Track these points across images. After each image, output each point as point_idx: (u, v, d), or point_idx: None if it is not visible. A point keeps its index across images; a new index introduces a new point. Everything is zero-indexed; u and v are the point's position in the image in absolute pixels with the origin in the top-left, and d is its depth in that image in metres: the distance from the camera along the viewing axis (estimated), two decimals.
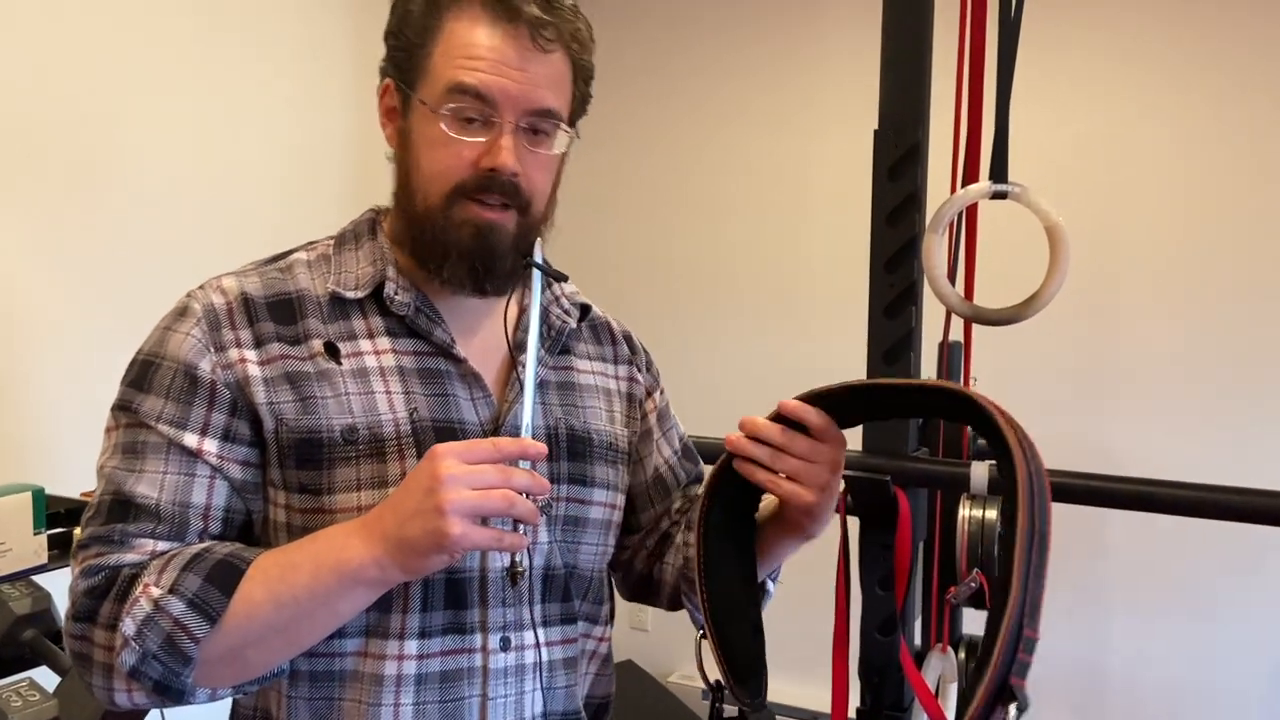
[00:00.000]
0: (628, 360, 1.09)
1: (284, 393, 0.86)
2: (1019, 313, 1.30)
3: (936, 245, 1.33)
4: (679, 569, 1.08)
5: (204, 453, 0.85)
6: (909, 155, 1.42)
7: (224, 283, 0.91)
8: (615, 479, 1.01)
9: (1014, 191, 1.30)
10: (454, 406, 0.91)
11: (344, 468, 0.86)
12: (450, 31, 0.86)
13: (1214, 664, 2.66)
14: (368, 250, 0.95)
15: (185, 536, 0.84)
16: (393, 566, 0.78)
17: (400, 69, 0.89)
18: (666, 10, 3.16)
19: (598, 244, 3.31)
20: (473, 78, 0.85)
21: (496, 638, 0.90)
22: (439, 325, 0.92)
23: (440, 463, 0.77)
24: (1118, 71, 2.66)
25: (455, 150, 0.87)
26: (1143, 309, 2.68)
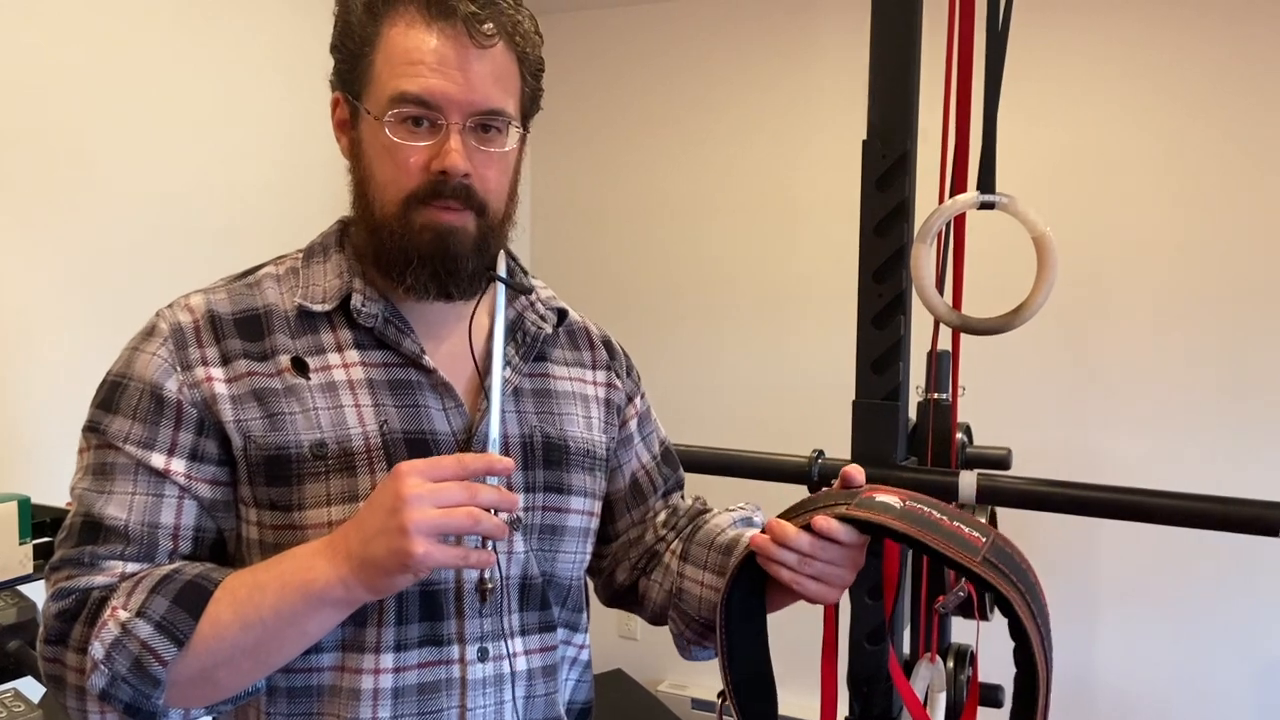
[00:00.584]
0: (606, 365, 1.08)
1: (251, 410, 0.86)
2: (1007, 322, 1.31)
3: (925, 255, 1.33)
4: (669, 593, 1.08)
5: (171, 473, 0.85)
6: (897, 165, 1.42)
7: (191, 301, 0.91)
8: (593, 486, 1.01)
9: (1002, 202, 1.30)
10: (425, 418, 0.90)
11: (314, 483, 0.86)
12: (388, 38, 0.86)
13: (1201, 672, 2.67)
14: (335, 263, 0.94)
15: (155, 557, 0.84)
16: (358, 586, 0.78)
17: (346, 81, 0.89)
18: (657, 18, 3.16)
19: (586, 251, 3.32)
20: (414, 84, 0.85)
21: (474, 648, 0.89)
22: (407, 335, 0.92)
23: (404, 481, 0.76)
24: (1105, 81, 2.68)
25: (404, 157, 0.86)
26: (1130, 318, 2.69)
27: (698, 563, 1.05)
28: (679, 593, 1.06)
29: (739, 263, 3.12)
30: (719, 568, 1.03)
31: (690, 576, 1.06)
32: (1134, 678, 2.73)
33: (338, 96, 0.90)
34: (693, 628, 1.08)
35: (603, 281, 3.29)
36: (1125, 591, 2.72)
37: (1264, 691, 2.63)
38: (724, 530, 1.07)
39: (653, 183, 3.21)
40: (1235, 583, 2.62)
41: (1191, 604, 2.66)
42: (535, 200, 3.34)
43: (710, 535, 1.06)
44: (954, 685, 1.59)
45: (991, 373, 2.62)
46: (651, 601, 1.11)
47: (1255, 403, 2.59)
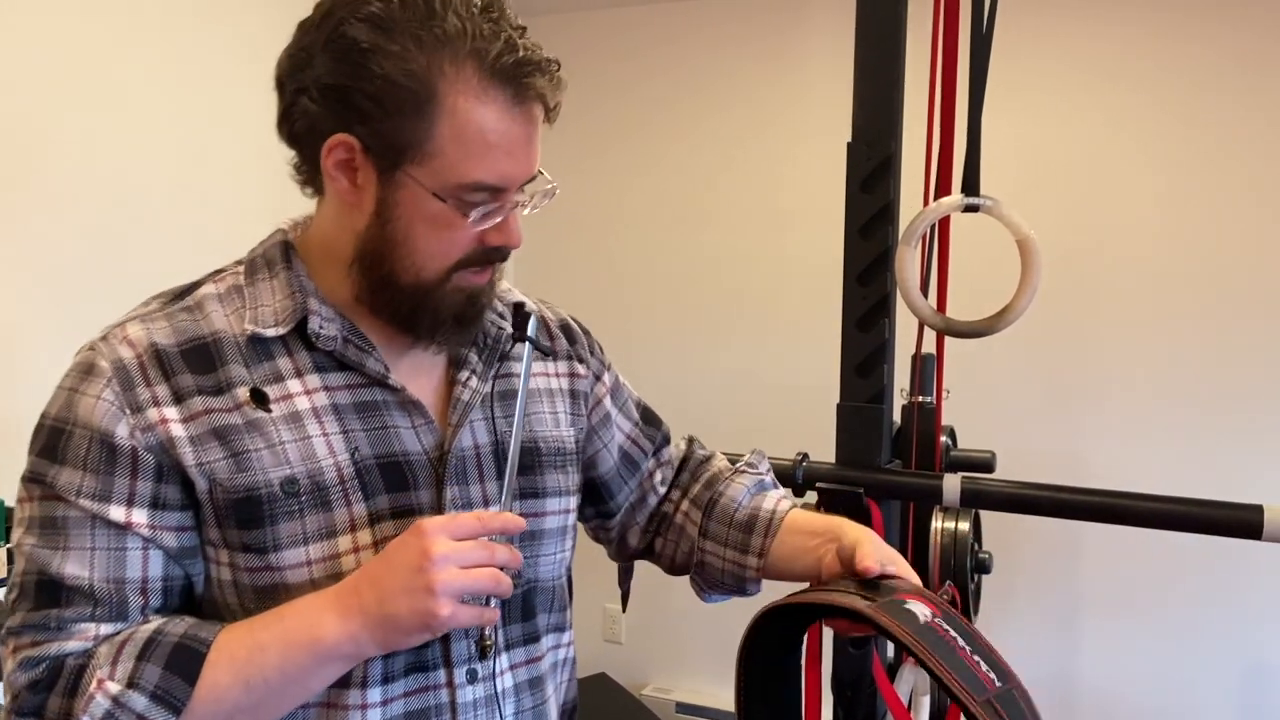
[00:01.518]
0: (567, 355, 1.06)
1: (213, 450, 0.80)
2: (991, 325, 1.31)
3: (909, 258, 1.33)
4: (688, 555, 1.10)
5: (133, 525, 0.79)
6: (882, 168, 1.42)
7: (130, 332, 0.83)
8: (567, 483, 1.00)
9: (986, 204, 1.30)
10: (395, 438, 0.87)
11: (288, 522, 0.81)
12: (454, 109, 0.78)
13: (1184, 675, 2.68)
14: (284, 280, 0.87)
15: (127, 615, 0.79)
16: (370, 643, 0.77)
17: (379, 136, 0.79)
18: (643, 21, 3.16)
19: (570, 253, 3.31)
20: (491, 174, 0.80)
21: (462, 671, 0.88)
22: (370, 354, 0.87)
23: (430, 540, 0.75)
24: (1090, 84, 2.69)
25: (464, 233, 0.83)
26: (1114, 321, 2.70)
27: (719, 539, 1.07)
28: (701, 565, 1.09)
29: (724, 265, 3.11)
30: (739, 545, 1.06)
31: (712, 552, 1.08)
32: (1116, 681, 2.73)
33: (348, 142, 0.80)
34: (717, 589, 1.11)
35: (587, 283, 3.28)
36: (1108, 595, 2.73)
37: (1247, 695, 2.64)
38: (740, 504, 1.09)
39: (636, 186, 3.21)
40: (1218, 586, 2.63)
41: (1174, 608, 2.67)
42: None
43: (728, 512, 1.08)
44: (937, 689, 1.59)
45: (976, 376, 2.62)
46: (669, 559, 1.13)
47: (1239, 407, 2.60)
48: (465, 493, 0.89)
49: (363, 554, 0.83)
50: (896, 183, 1.45)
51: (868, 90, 1.43)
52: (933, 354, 1.63)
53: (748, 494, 1.09)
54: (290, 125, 0.83)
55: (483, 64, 0.78)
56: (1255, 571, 2.58)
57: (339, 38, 0.78)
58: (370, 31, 0.77)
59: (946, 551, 1.49)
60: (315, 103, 0.80)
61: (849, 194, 1.47)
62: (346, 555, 0.83)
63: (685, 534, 1.10)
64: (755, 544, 1.05)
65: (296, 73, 0.81)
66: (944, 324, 1.36)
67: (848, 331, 1.49)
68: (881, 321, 1.47)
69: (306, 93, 0.80)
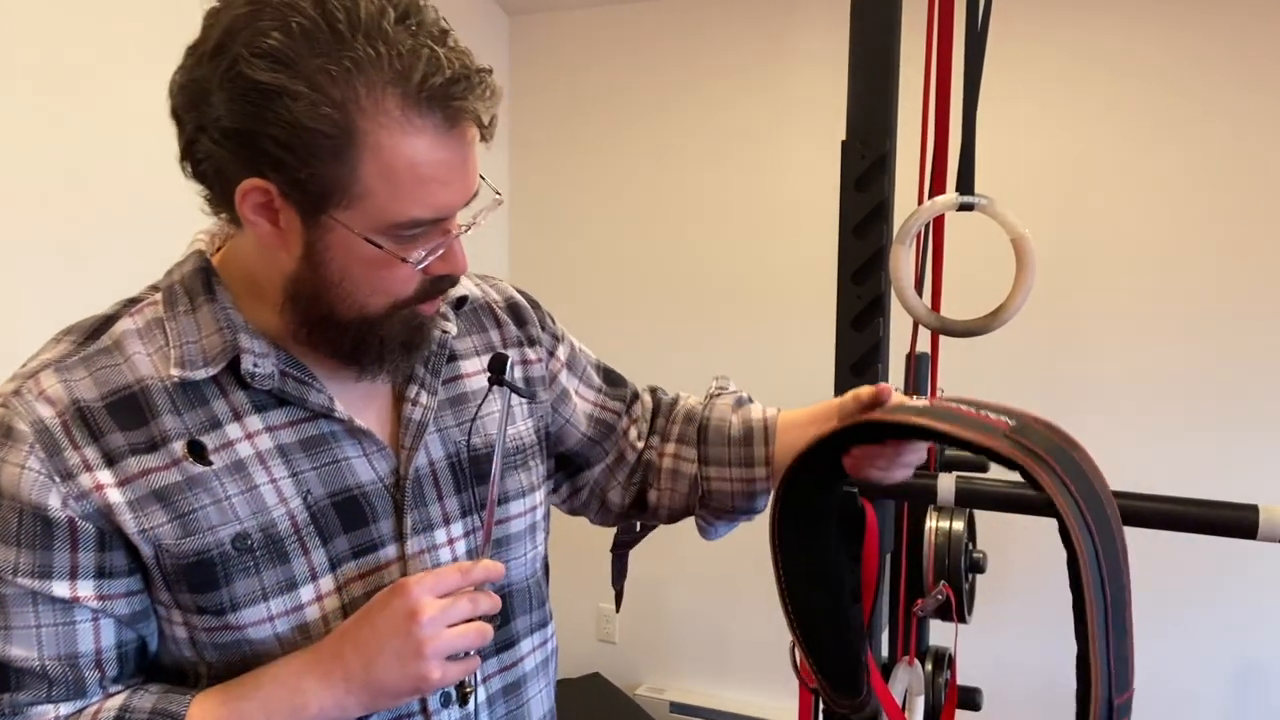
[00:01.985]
0: (517, 341, 1.01)
1: (155, 515, 0.75)
2: (986, 324, 1.31)
3: (904, 257, 1.33)
4: (688, 495, 1.08)
5: (81, 599, 0.74)
6: (876, 166, 1.42)
7: (47, 388, 0.76)
8: (529, 480, 0.97)
9: (981, 203, 1.30)
10: (348, 471, 0.82)
11: (244, 580, 0.77)
12: (379, 146, 0.70)
13: (1177, 674, 2.69)
14: (207, 314, 0.80)
15: (86, 691, 0.75)
16: (356, 707, 0.75)
17: (296, 184, 0.71)
18: (632, 19, 3.15)
19: (563, 254, 3.30)
20: (429, 209, 0.74)
21: (436, 696, 0.85)
22: (311, 386, 0.81)
23: (416, 601, 0.73)
24: (1086, 83, 2.69)
25: (403, 270, 0.77)
26: (1109, 321, 2.71)
27: (721, 462, 1.06)
28: (708, 494, 1.07)
29: (717, 265, 3.11)
30: (742, 460, 1.05)
31: (717, 477, 1.06)
32: None
33: (261, 186, 0.72)
34: (724, 518, 1.09)
35: (579, 284, 3.28)
36: None
37: (1240, 694, 2.65)
38: (730, 422, 1.07)
39: (628, 186, 3.21)
40: (1212, 586, 2.63)
41: (1168, 607, 2.67)
42: (513, 203, 3.32)
43: (722, 432, 1.07)
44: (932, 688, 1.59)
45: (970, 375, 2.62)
46: (666, 507, 1.11)
47: (1234, 407, 2.61)
48: (425, 515, 0.86)
49: (327, 601, 0.80)
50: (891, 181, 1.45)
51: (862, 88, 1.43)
52: (927, 353, 1.62)
53: (733, 411, 1.09)
54: (194, 163, 0.75)
55: (406, 90, 0.69)
56: (1249, 571, 2.59)
57: (237, 76, 0.68)
58: (271, 70, 0.67)
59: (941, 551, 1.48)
60: (219, 145, 0.71)
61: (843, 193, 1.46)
62: (310, 606, 0.80)
63: (680, 474, 1.08)
64: (759, 454, 1.04)
65: (193, 109, 0.72)
66: (939, 323, 1.36)
67: (842, 331, 1.49)
68: (876, 321, 1.46)
69: (207, 133, 0.72)
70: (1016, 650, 2.74)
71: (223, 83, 0.69)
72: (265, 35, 0.68)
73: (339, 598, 0.81)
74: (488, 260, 3.29)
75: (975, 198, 1.30)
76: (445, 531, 0.88)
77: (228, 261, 0.83)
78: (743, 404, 1.11)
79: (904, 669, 1.54)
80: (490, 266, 3.30)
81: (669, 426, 1.12)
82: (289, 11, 0.68)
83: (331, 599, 0.81)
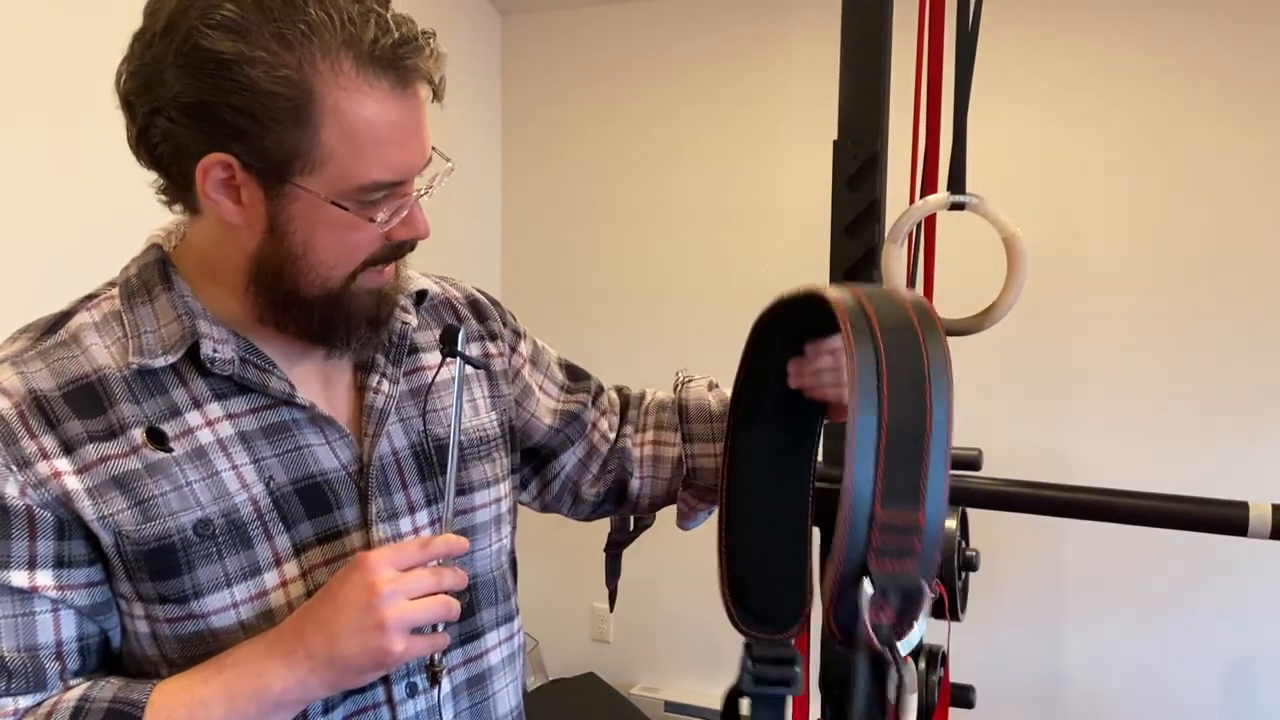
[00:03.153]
0: (478, 335, 1.02)
1: (115, 501, 0.75)
2: (977, 323, 1.31)
3: (896, 256, 1.33)
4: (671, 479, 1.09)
5: (39, 589, 0.74)
6: (868, 166, 1.42)
7: (3, 380, 0.76)
8: (495, 471, 0.97)
9: (972, 202, 1.30)
10: (310, 458, 0.82)
11: (206, 567, 0.77)
12: (337, 108, 0.71)
13: (1170, 672, 2.69)
14: (165, 303, 0.80)
15: (46, 684, 0.75)
16: (319, 686, 0.74)
17: (259, 152, 0.72)
18: (627, 17, 3.15)
19: (556, 255, 3.30)
20: (387, 171, 0.75)
21: (401, 686, 0.85)
22: (272, 373, 0.82)
23: (375, 574, 0.72)
24: (1077, 81, 2.70)
25: (369, 233, 0.78)
26: (1101, 319, 2.71)
27: (704, 438, 1.08)
28: (693, 472, 1.08)
29: (709, 263, 3.11)
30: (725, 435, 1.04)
31: (700, 453, 1.08)
32: (1103, 679, 2.74)
33: (223, 160, 0.73)
34: (706, 499, 1.10)
35: (571, 283, 3.28)
36: (1094, 592, 2.74)
37: (1232, 691, 2.66)
38: (708, 399, 1.10)
39: (621, 185, 3.21)
40: (1203, 583, 2.64)
41: (1160, 604, 2.68)
42: (506, 202, 3.32)
43: (703, 409, 1.09)
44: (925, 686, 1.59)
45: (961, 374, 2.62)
46: (647, 496, 1.11)
47: (1226, 404, 2.62)
48: (390, 503, 0.86)
49: (291, 587, 0.80)
50: (883, 181, 1.45)
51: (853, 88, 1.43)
52: None
53: (709, 391, 1.11)
54: (150, 148, 0.76)
55: (359, 52, 0.71)
56: (1240, 568, 2.60)
57: (192, 50, 0.69)
58: (227, 39, 0.69)
59: None
60: (176, 123, 0.72)
61: (835, 192, 1.47)
62: (275, 591, 0.79)
63: (662, 459, 1.10)
64: None
65: (146, 92, 0.73)
66: None
67: None
68: None
69: (163, 113, 0.72)
70: (1010, 647, 2.75)
71: (177, 59, 0.70)
72: (218, 7, 0.69)
73: (304, 583, 0.81)
74: (480, 258, 3.28)
75: (967, 197, 1.31)
76: (410, 520, 0.88)
77: (184, 253, 0.84)
78: (714, 387, 1.14)
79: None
80: (483, 265, 3.30)
81: (643, 417, 1.14)
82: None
83: (296, 584, 0.81)
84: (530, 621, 3.34)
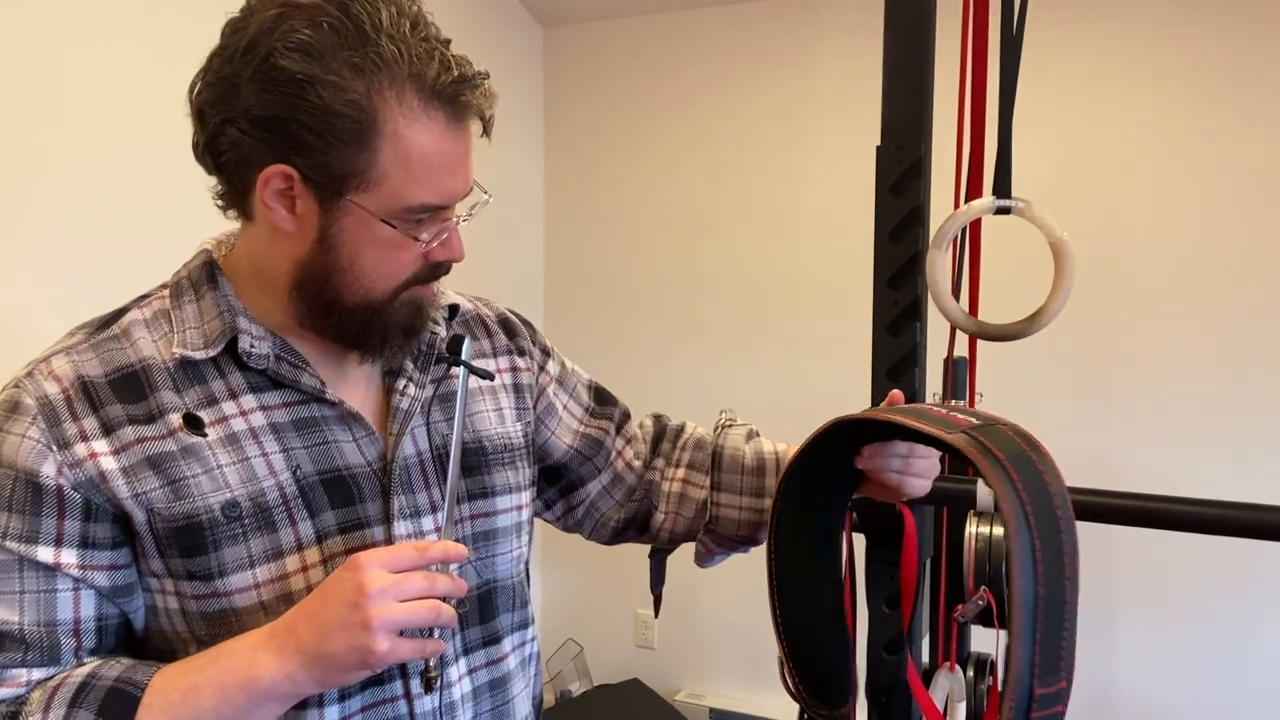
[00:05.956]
0: (507, 350, 1.06)
1: (148, 480, 0.79)
2: (1024, 328, 1.30)
3: (940, 261, 1.32)
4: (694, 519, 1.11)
5: (63, 566, 0.78)
6: (912, 171, 1.41)
7: (56, 367, 0.81)
8: (517, 479, 1.00)
9: (1018, 207, 1.29)
10: (337, 453, 0.86)
11: (232, 547, 0.81)
12: (397, 134, 0.78)
13: (1225, 684, 2.64)
14: (210, 302, 0.86)
15: (60, 659, 0.78)
16: (308, 681, 0.75)
17: (320, 166, 0.78)
18: (667, 28, 3.16)
19: (597, 262, 3.32)
20: (435, 195, 0.82)
21: (418, 681, 0.87)
22: (304, 370, 0.86)
23: (365, 574, 0.74)
24: (1123, 82, 2.66)
25: (411, 253, 0.83)
26: (1150, 323, 2.67)
27: (733, 489, 1.09)
28: (715, 520, 1.10)
29: (751, 271, 3.11)
30: (754, 490, 1.08)
31: (727, 504, 1.09)
32: (1155, 686, 2.70)
33: (284, 172, 0.79)
34: (724, 545, 1.12)
35: (613, 292, 3.29)
36: (1147, 602, 2.69)
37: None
38: (744, 451, 1.11)
39: (662, 194, 3.22)
40: (1259, 593, 2.59)
41: (1213, 612, 2.63)
42: (548, 211, 3.35)
43: (736, 461, 1.10)
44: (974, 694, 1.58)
45: (1009, 379, 2.59)
46: (669, 531, 1.14)
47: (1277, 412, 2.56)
48: (413, 501, 0.89)
49: (312, 573, 0.83)
50: (927, 185, 1.44)
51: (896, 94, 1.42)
52: (965, 358, 1.61)
53: (745, 442, 1.12)
54: (216, 155, 0.82)
55: (422, 87, 0.78)
56: None
57: (270, 69, 0.76)
58: (304, 61, 0.75)
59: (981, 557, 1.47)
60: (246, 134, 0.78)
61: (878, 198, 1.46)
62: (295, 575, 0.82)
63: (688, 498, 1.11)
64: (769, 485, 1.08)
65: (221, 103, 0.79)
66: (977, 327, 1.35)
67: (878, 336, 1.48)
68: (913, 326, 1.46)
69: (234, 123, 0.78)
70: None
71: (255, 75, 0.76)
72: (296, 31, 0.76)
73: (324, 570, 0.84)
74: (523, 270, 3.31)
75: (1012, 201, 1.30)
76: (432, 519, 0.91)
77: (233, 260, 0.89)
78: (753, 437, 1.16)
79: (945, 675, 1.53)
80: (525, 275, 3.32)
81: (678, 453, 1.16)
82: (316, 12, 0.76)
83: (316, 571, 0.83)
84: (575, 627, 3.36)
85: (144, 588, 0.83)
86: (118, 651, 0.83)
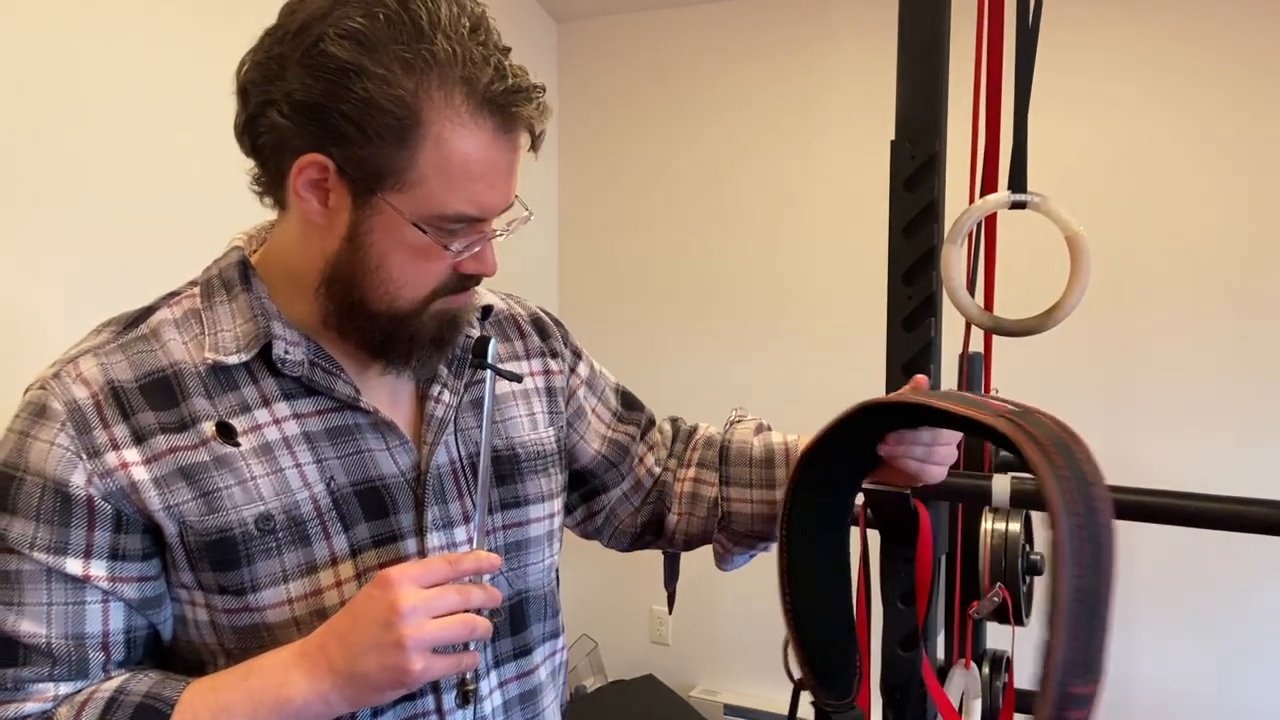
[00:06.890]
0: (539, 352, 1.03)
1: (181, 491, 0.76)
2: (1040, 324, 1.29)
3: (955, 256, 1.31)
4: (707, 518, 1.08)
5: (92, 578, 0.75)
6: (926, 166, 1.41)
7: (85, 370, 0.78)
8: (550, 486, 0.98)
9: (1033, 201, 1.28)
10: (371, 463, 0.84)
11: (265, 561, 0.78)
12: (440, 137, 0.75)
13: (1242, 683, 2.62)
14: (243, 303, 0.83)
15: (88, 673, 0.76)
16: (341, 701, 0.74)
17: (357, 160, 0.75)
18: (681, 23, 3.16)
19: (611, 258, 3.31)
20: (475, 206, 0.78)
21: (451, 695, 0.85)
22: (339, 377, 0.84)
23: (398, 591, 0.72)
24: (1137, 75, 2.64)
25: (440, 261, 0.80)
26: (1166, 318, 2.65)
27: (743, 483, 1.07)
28: (728, 516, 1.07)
29: (766, 267, 3.10)
30: (764, 481, 1.05)
31: (738, 498, 1.07)
32: (1173, 683, 2.68)
33: (323, 162, 0.76)
34: (742, 543, 1.09)
35: (628, 287, 3.29)
36: (1162, 596, 2.67)
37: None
38: (751, 444, 1.08)
39: (676, 189, 3.21)
40: (1274, 586, 2.57)
41: (1231, 608, 2.61)
42: (562, 206, 3.35)
43: (744, 454, 1.08)
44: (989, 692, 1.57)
45: (1024, 375, 2.58)
46: (683, 533, 1.11)
47: None
48: (446, 511, 0.87)
49: (345, 587, 0.81)
50: (941, 180, 1.44)
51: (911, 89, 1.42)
52: (980, 353, 1.61)
53: (754, 435, 1.10)
54: (254, 137, 0.79)
55: (473, 92, 0.75)
56: None
57: (319, 54, 0.73)
58: (353, 49, 0.72)
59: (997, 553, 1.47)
60: (286, 118, 0.75)
61: (892, 193, 1.46)
62: (329, 590, 0.80)
63: (700, 497, 1.09)
64: (780, 476, 1.05)
65: (265, 83, 0.76)
66: (992, 323, 1.34)
67: (893, 331, 1.48)
68: (927, 321, 1.46)
69: (276, 106, 0.76)
70: None
71: (303, 59, 0.74)
72: (350, 19, 0.73)
73: (357, 585, 0.82)
74: (537, 264, 3.31)
75: (1028, 195, 1.29)
76: (465, 529, 0.88)
77: (266, 257, 0.86)
78: (763, 429, 1.13)
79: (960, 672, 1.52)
80: (539, 270, 3.32)
81: (689, 453, 1.13)
82: (374, 3, 0.73)
83: (350, 585, 0.81)
84: (590, 623, 3.36)
85: (173, 598, 0.81)
86: (145, 662, 0.82)
